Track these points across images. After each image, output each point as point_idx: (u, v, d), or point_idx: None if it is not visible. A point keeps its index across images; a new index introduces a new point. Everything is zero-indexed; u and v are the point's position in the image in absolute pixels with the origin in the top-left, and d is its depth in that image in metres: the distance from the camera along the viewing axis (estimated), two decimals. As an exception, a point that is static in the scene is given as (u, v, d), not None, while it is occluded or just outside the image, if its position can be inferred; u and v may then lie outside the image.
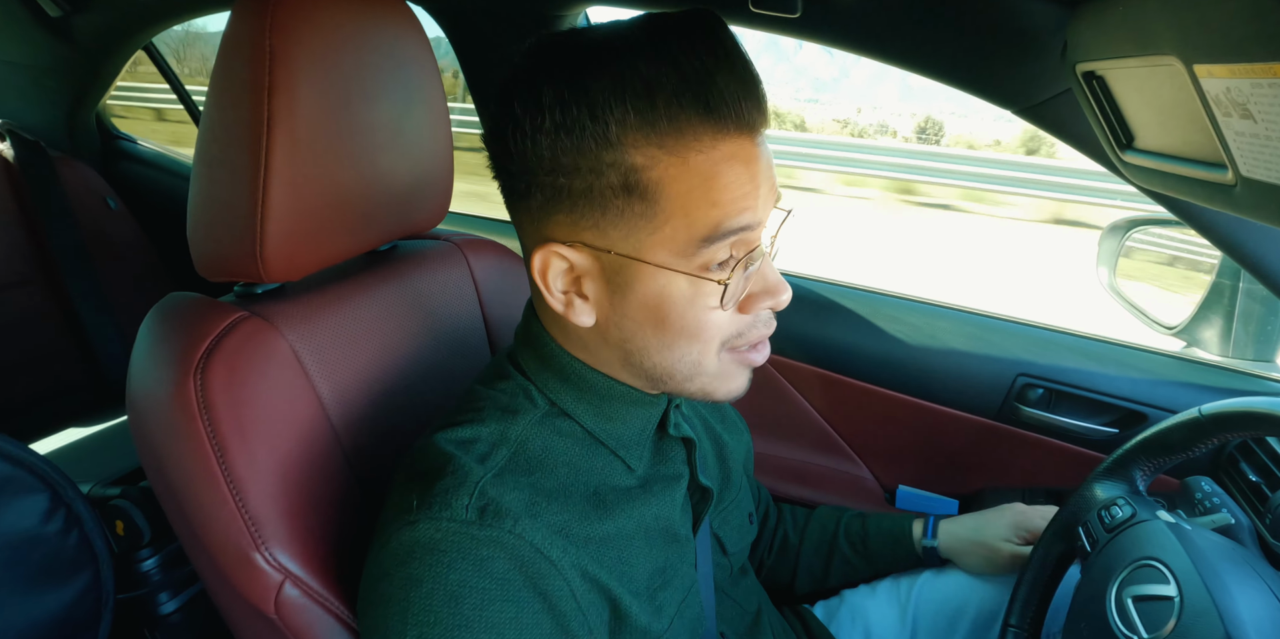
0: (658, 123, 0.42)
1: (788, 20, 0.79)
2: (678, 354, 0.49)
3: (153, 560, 0.97)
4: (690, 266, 0.46)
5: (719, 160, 0.43)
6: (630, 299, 0.47)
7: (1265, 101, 0.36)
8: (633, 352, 0.50)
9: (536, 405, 0.53)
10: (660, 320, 0.48)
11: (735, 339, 0.50)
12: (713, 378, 0.51)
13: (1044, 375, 1.02)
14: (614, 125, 0.42)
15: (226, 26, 0.54)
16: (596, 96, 0.42)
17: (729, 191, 0.44)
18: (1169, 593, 0.57)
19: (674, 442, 0.59)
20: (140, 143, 1.75)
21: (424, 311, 0.71)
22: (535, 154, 0.44)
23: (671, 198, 0.44)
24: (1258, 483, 0.80)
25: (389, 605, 0.43)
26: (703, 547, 0.61)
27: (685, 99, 0.42)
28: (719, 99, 0.42)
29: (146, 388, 0.56)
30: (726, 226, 0.44)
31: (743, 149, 0.44)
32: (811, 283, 1.18)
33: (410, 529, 0.44)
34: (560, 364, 0.53)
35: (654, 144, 0.43)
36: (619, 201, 0.44)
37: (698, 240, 0.44)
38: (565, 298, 0.49)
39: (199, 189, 0.58)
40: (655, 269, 0.46)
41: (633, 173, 0.43)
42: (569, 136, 0.43)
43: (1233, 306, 1.03)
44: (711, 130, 0.43)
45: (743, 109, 0.43)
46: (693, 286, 0.46)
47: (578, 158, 0.43)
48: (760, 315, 0.50)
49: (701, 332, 0.48)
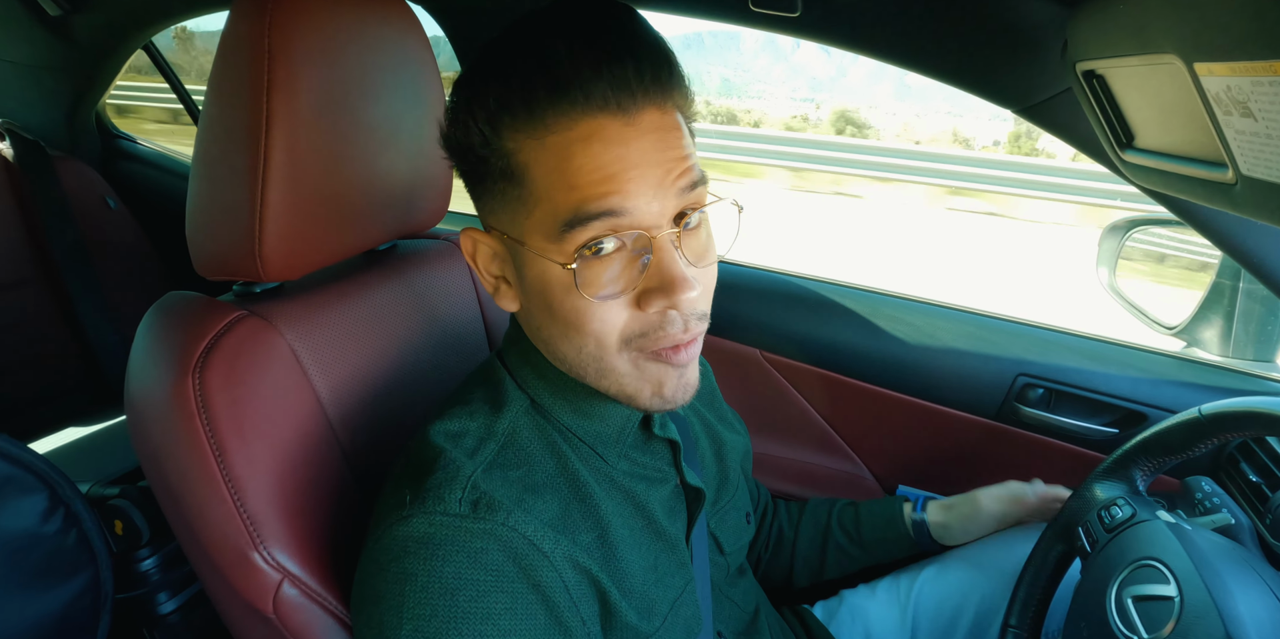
0: (516, 108, 0.43)
1: (788, 19, 0.79)
2: (574, 346, 0.48)
3: (151, 560, 0.97)
4: (561, 253, 0.45)
5: (574, 141, 0.43)
6: (526, 284, 0.49)
7: (1266, 100, 0.36)
8: (544, 341, 0.51)
9: (522, 399, 0.53)
10: (548, 307, 0.47)
11: (640, 340, 0.47)
12: (630, 379, 0.48)
13: (1044, 375, 1.01)
14: (483, 115, 0.45)
15: (226, 26, 0.54)
16: (476, 86, 0.45)
17: (585, 174, 0.43)
18: (1169, 593, 0.57)
19: (660, 442, 0.59)
20: (140, 142, 1.75)
21: (423, 311, 0.71)
22: (456, 142, 0.48)
23: (536, 180, 0.45)
24: (1258, 483, 0.79)
25: (383, 601, 0.43)
26: (699, 546, 0.61)
27: (537, 80, 0.43)
28: (566, 81, 0.42)
29: (145, 387, 0.56)
30: (586, 210, 0.43)
31: (604, 129, 0.43)
32: (811, 283, 1.18)
33: (403, 524, 0.45)
34: (534, 360, 0.54)
35: (516, 128, 0.44)
36: (500, 186, 0.47)
37: (560, 224, 0.44)
38: (494, 282, 0.52)
39: (198, 188, 0.58)
40: (534, 254, 0.46)
41: (504, 157, 0.45)
42: (460, 127, 0.46)
43: (1233, 306, 1.03)
44: (564, 111, 0.43)
45: (595, 88, 0.42)
46: (564, 272, 0.45)
47: (473, 144, 0.46)
48: (667, 315, 0.46)
49: (583, 323, 0.46)
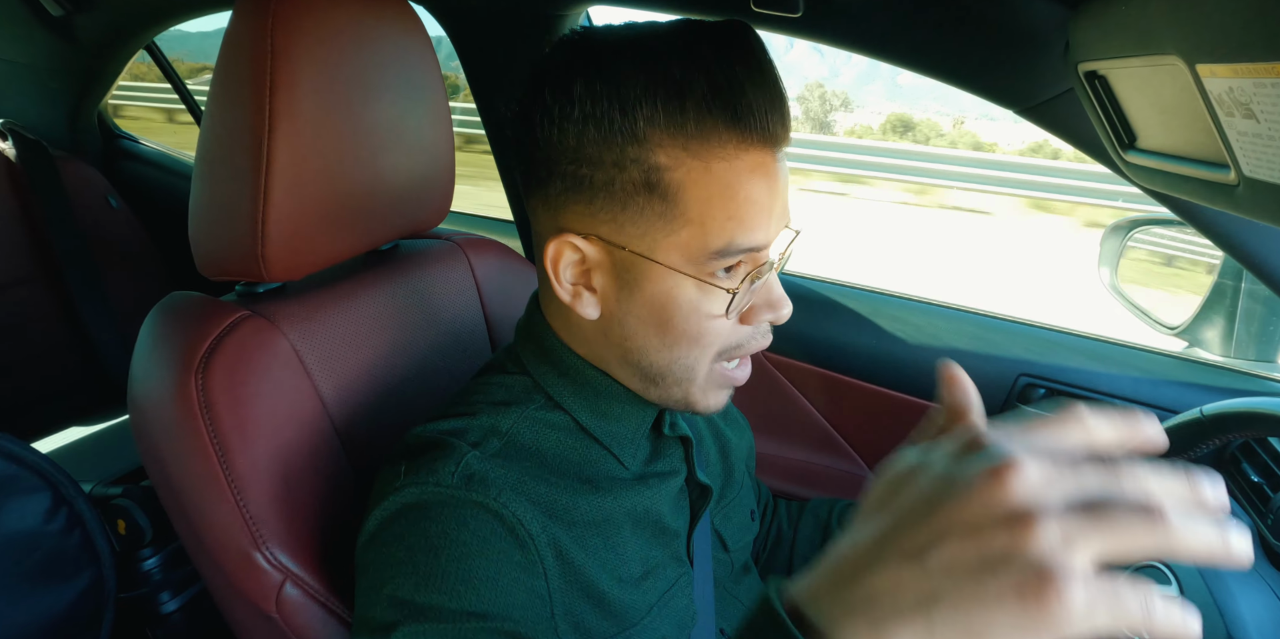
0: (685, 125, 0.43)
1: (790, 20, 0.79)
2: (676, 355, 0.50)
3: (154, 560, 0.97)
4: (701, 272, 0.46)
5: (741, 171, 0.44)
6: (637, 297, 0.48)
7: (1268, 101, 0.36)
8: (632, 350, 0.50)
9: (532, 399, 0.53)
10: (664, 322, 0.48)
11: (734, 350, 0.50)
12: (700, 387, 0.51)
13: (1046, 375, 1.01)
14: (642, 122, 0.43)
15: (228, 26, 0.54)
16: (628, 92, 0.43)
17: (748, 206, 0.44)
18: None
19: (671, 440, 0.60)
20: (142, 142, 1.75)
21: (425, 311, 0.71)
22: (561, 142, 0.45)
23: (690, 202, 0.44)
24: (1259, 483, 0.79)
25: (371, 567, 0.44)
26: (703, 543, 0.61)
27: (714, 105, 0.42)
28: (747, 109, 0.42)
29: (148, 387, 0.56)
30: (740, 243, 0.45)
31: (765, 163, 0.44)
32: (813, 283, 1.18)
33: (396, 494, 0.46)
34: (559, 358, 0.54)
35: (679, 146, 0.43)
36: (639, 199, 0.45)
37: (711, 251, 0.45)
38: (573, 289, 0.50)
39: (201, 188, 0.58)
40: (666, 270, 0.46)
41: (655, 172, 0.44)
42: (597, 128, 0.43)
43: (1234, 307, 1.03)
44: (736, 139, 0.43)
45: (769, 122, 0.43)
46: (700, 292, 0.47)
47: (603, 150, 0.44)
48: (759, 328, 0.51)
49: (702, 337, 0.48)
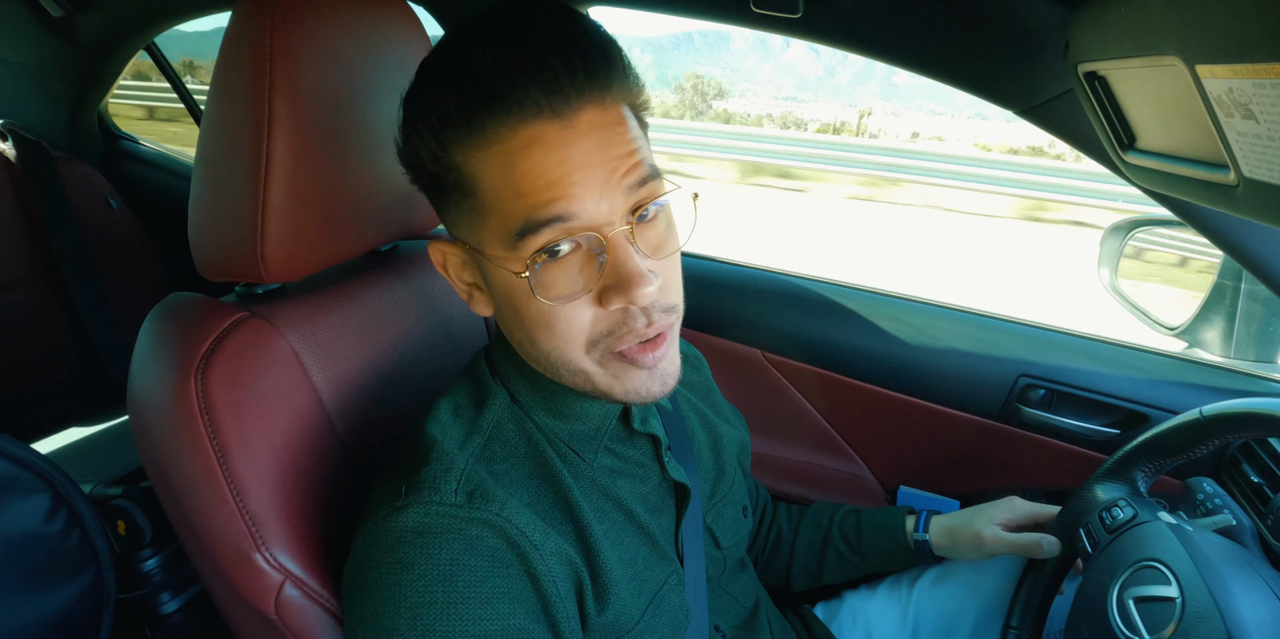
0: (456, 120, 0.43)
1: (790, 21, 0.79)
2: (544, 349, 0.48)
3: (154, 560, 0.97)
4: (518, 260, 0.45)
5: (515, 149, 0.43)
6: (493, 291, 0.49)
7: (1267, 102, 0.36)
8: (517, 343, 0.52)
9: (500, 396, 0.54)
10: (514, 312, 0.48)
11: (606, 338, 0.47)
12: (599, 377, 0.48)
13: (1045, 376, 1.01)
14: (428, 131, 0.44)
15: (228, 26, 0.54)
16: (419, 102, 0.45)
17: (530, 181, 0.43)
18: (1171, 594, 0.57)
19: (641, 437, 0.59)
20: (142, 143, 1.75)
21: (424, 312, 0.71)
22: (404, 161, 0.48)
23: (485, 191, 0.45)
24: (1259, 484, 0.79)
25: (379, 591, 0.43)
26: (693, 541, 0.61)
27: (470, 91, 0.42)
28: (497, 90, 0.41)
29: (148, 388, 0.56)
30: (535, 217, 0.43)
31: (543, 135, 0.42)
32: (812, 283, 1.18)
33: (398, 515, 0.45)
34: (516, 359, 0.54)
35: (460, 141, 0.44)
36: (454, 198, 0.47)
37: (513, 232, 0.44)
38: (467, 290, 0.52)
39: (200, 189, 0.58)
40: (493, 262, 0.46)
41: (453, 170, 0.45)
42: (413, 147, 0.46)
43: (1234, 307, 1.03)
44: (500, 119, 0.42)
45: (526, 93, 0.41)
46: (523, 279, 0.45)
47: (424, 159, 0.46)
48: (630, 311, 0.46)
49: (551, 325, 0.46)
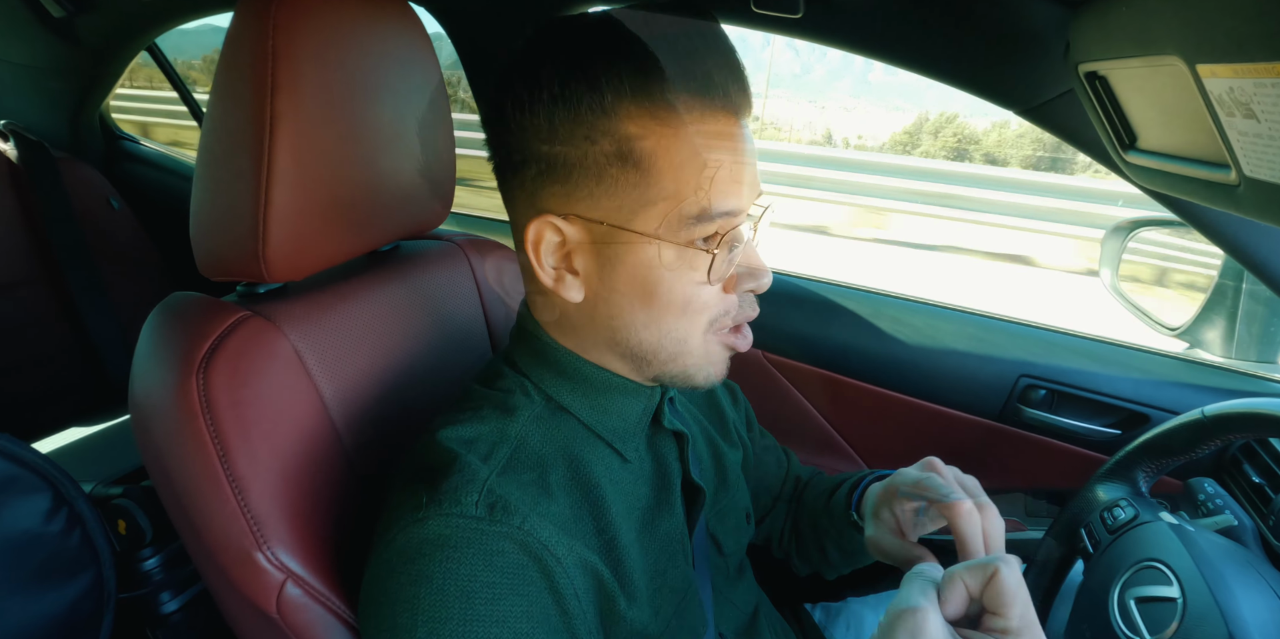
0: (651, 94, 0.44)
1: (790, 21, 0.79)
2: (664, 329, 0.50)
3: (155, 560, 0.97)
4: (680, 239, 0.47)
5: (709, 137, 0.45)
6: (620, 272, 0.48)
7: (1269, 101, 0.36)
8: (619, 328, 0.51)
9: (533, 401, 0.53)
10: (648, 293, 0.48)
11: (722, 318, 0.51)
12: (696, 359, 0.52)
13: (1046, 376, 1.01)
14: (609, 94, 0.44)
15: (229, 27, 0.54)
16: (592, 68, 0.44)
17: (719, 171, 0.46)
18: (1172, 594, 0.57)
19: (666, 437, 0.60)
20: (143, 143, 1.75)
21: (426, 312, 0.71)
22: (533, 125, 0.46)
23: (663, 169, 0.45)
24: (1261, 484, 0.79)
25: (397, 603, 0.43)
26: (699, 547, 0.61)
27: (678, 75, 0.44)
28: (707, 77, 0.45)
29: (149, 387, 0.56)
30: (715, 208, 0.46)
31: (731, 130, 0.46)
32: (813, 283, 1.18)
33: (419, 526, 0.44)
34: (554, 357, 0.54)
35: (647, 114, 0.44)
36: (613, 170, 0.46)
37: (688, 217, 0.46)
38: (555, 273, 0.50)
39: (202, 189, 0.58)
40: (645, 240, 0.47)
41: (626, 141, 0.45)
42: (566, 106, 0.45)
43: (1235, 308, 1.03)
44: (700, 106, 0.45)
45: (730, 89, 0.46)
46: (681, 258, 0.47)
47: (574, 126, 0.45)
48: (744, 297, 0.52)
49: (688, 305, 0.49)
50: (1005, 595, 0.39)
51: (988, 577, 0.40)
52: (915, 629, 0.37)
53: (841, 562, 0.73)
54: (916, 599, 0.39)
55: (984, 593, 0.40)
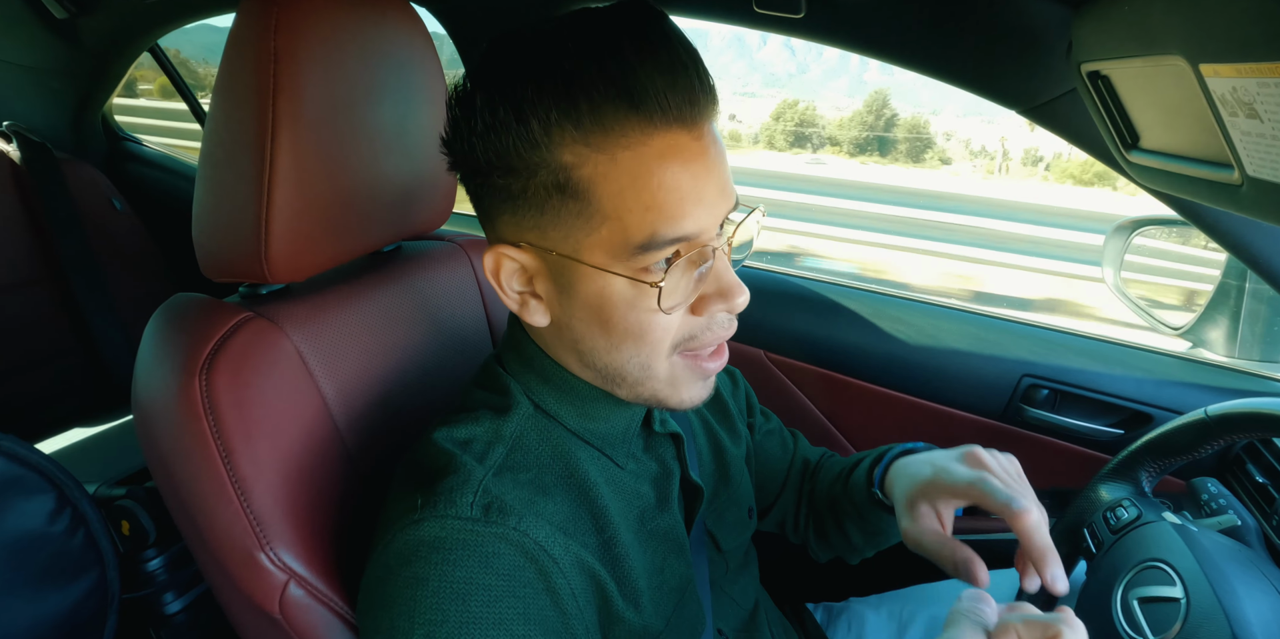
0: (581, 119, 0.41)
1: (792, 21, 0.79)
2: (625, 355, 0.48)
3: (158, 560, 0.98)
4: (629, 268, 0.44)
5: (650, 158, 0.42)
6: (576, 300, 0.47)
7: (1272, 101, 0.36)
8: (584, 352, 0.50)
9: (523, 406, 0.53)
10: (604, 321, 0.47)
11: (688, 342, 0.48)
12: (664, 383, 0.50)
13: (1049, 376, 1.01)
14: (537, 123, 0.41)
15: (231, 28, 0.54)
16: (520, 95, 0.41)
17: (665, 194, 0.42)
18: (1175, 594, 0.57)
19: (662, 438, 0.59)
20: (145, 144, 1.75)
21: (428, 312, 0.71)
22: (473, 157, 0.45)
23: (603, 198, 0.43)
24: (1265, 484, 0.79)
25: (394, 606, 0.43)
26: (697, 543, 0.61)
27: (607, 93, 0.40)
28: (642, 91, 0.40)
29: (152, 388, 0.56)
30: (664, 235, 0.43)
31: (677, 144, 0.42)
32: (815, 283, 1.18)
33: (415, 528, 0.44)
34: (539, 366, 0.53)
35: (580, 141, 0.42)
36: (554, 201, 0.44)
37: (634, 246, 0.43)
38: (520, 297, 0.49)
39: (204, 190, 0.58)
40: (594, 270, 0.45)
41: (563, 171, 0.42)
42: (499, 137, 0.43)
43: (1239, 307, 1.03)
44: (638, 124, 0.41)
45: (669, 102, 0.41)
46: (633, 288, 0.45)
47: (510, 158, 0.43)
48: (716, 318, 0.48)
49: (646, 333, 0.47)
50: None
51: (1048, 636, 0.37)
52: None
53: (865, 543, 0.70)
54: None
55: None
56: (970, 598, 0.41)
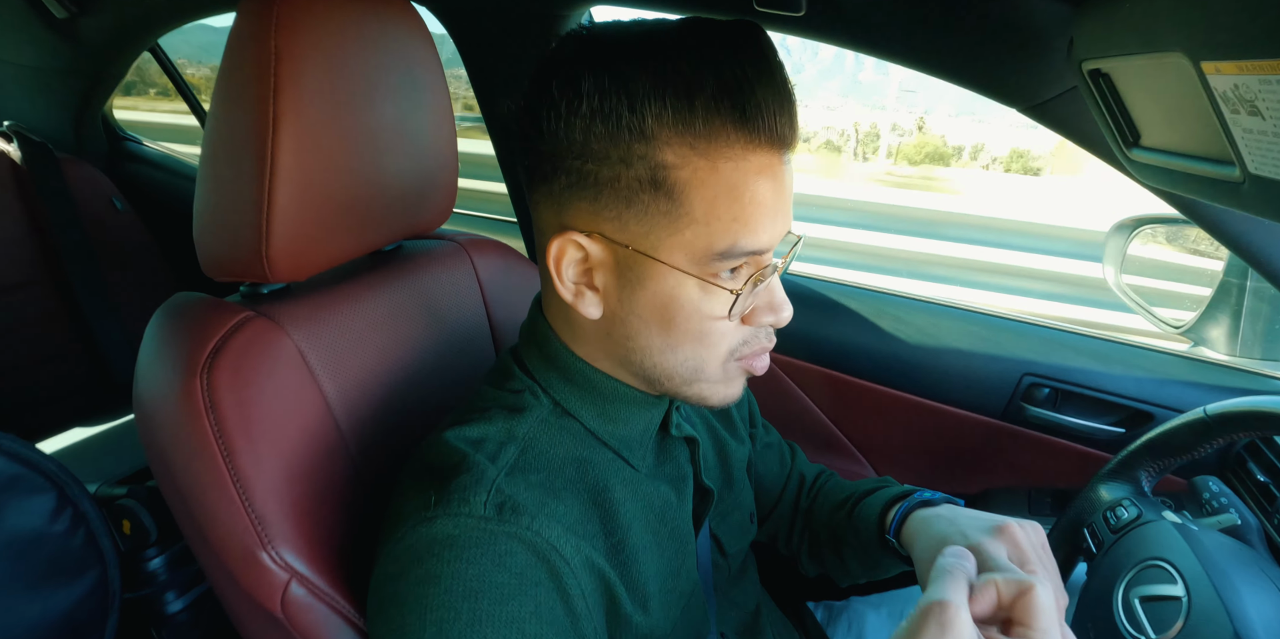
0: (694, 123, 0.42)
1: (793, 19, 0.79)
2: (681, 357, 0.49)
3: (159, 560, 0.98)
4: (704, 272, 0.46)
5: (749, 172, 0.44)
6: (640, 296, 0.47)
7: (1274, 98, 0.36)
8: (634, 350, 0.50)
9: (541, 404, 0.53)
10: (667, 321, 0.48)
11: (740, 348, 0.50)
12: (713, 384, 0.51)
13: (1050, 375, 1.01)
14: (650, 119, 0.42)
15: (232, 27, 0.54)
16: (636, 88, 0.42)
17: (753, 208, 0.44)
18: (1176, 593, 0.57)
19: (677, 441, 0.59)
20: (146, 144, 1.75)
21: (429, 311, 0.71)
22: (567, 136, 0.44)
23: (696, 202, 0.44)
24: (1266, 483, 0.79)
25: (405, 603, 0.43)
26: (703, 549, 0.61)
27: (723, 104, 0.42)
28: (756, 110, 0.42)
29: (153, 387, 0.56)
30: (744, 245, 0.45)
31: (772, 165, 0.44)
32: (817, 283, 1.18)
33: (427, 526, 0.44)
34: (564, 363, 0.53)
35: (686, 144, 0.43)
36: (644, 196, 0.44)
37: (715, 252, 0.45)
38: (575, 288, 0.49)
39: (205, 189, 0.58)
40: (669, 270, 0.46)
41: (661, 169, 0.43)
42: (604, 123, 0.43)
43: (1240, 305, 1.03)
44: (744, 140, 0.43)
45: (778, 123, 0.43)
46: (703, 292, 0.46)
47: (609, 146, 0.43)
48: (761, 329, 0.51)
49: (706, 338, 0.48)
50: (1037, 609, 0.39)
51: (1022, 591, 0.39)
52: (946, 623, 0.37)
53: (862, 574, 0.70)
54: (950, 593, 0.39)
55: (1014, 604, 0.39)
56: (954, 554, 0.43)
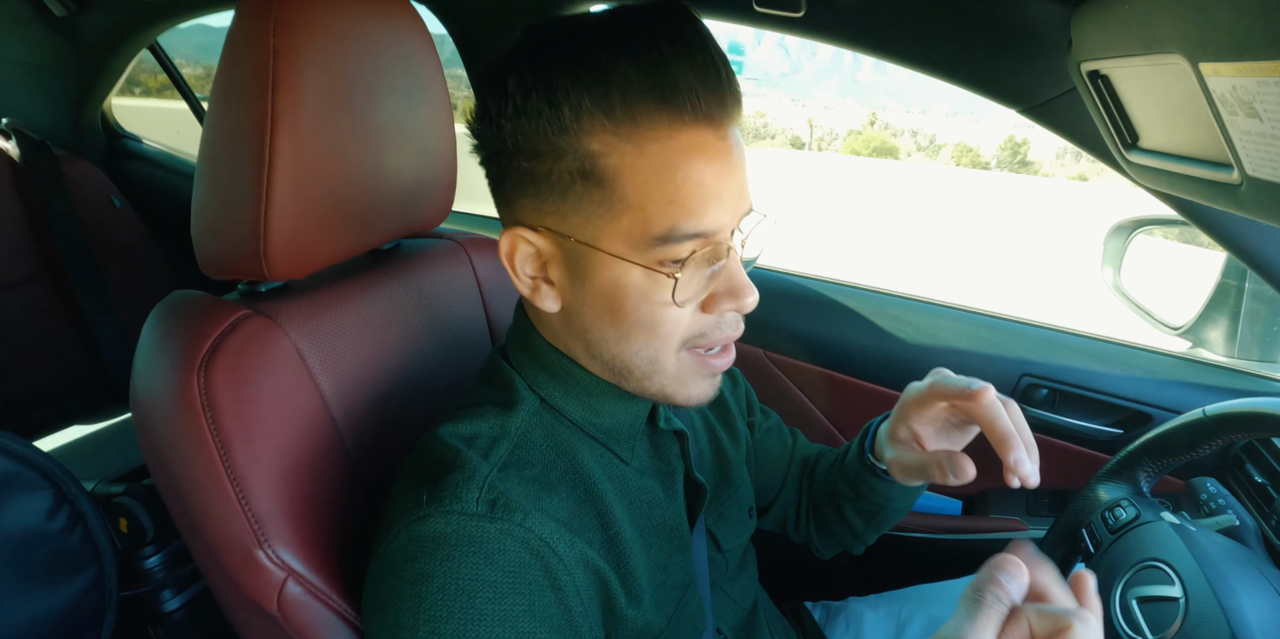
0: (613, 109, 0.42)
1: (792, 19, 0.79)
2: (634, 348, 0.49)
3: (156, 558, 0.98)
4: (647, 259, 0.45)
5: (677, 151, 0.43)
6: (589, 287, 0.47)
7: (1271, 100, 0.36)
8: (593, 342, 0.50)
9: (530, 399, 0.53)
10: (616, 310, 0.47)
11: (697, 339, 0.49)
12: (671, 379, 0.50)
13: (1048, 376, 1.01)
14: (568, 110, 0.42)
15: (231, 25, 0.54)
16: (553, 81, 0.43)
17: (688, 188, 0.43)
18: (1174, 594, 0.57)
19: (667, 435, 0.59)
20: (145, 142, 1.75)
21: (427, 310, 0.71)
22: (500, 139, 0.45)
23: (628, 187, 0.44)
24: (1263, 484, 0.79)
25: (399, 602, 0.43)
26: (699, 544, 0.61)
27: (639, 86, 0.42)
28: (674, 88, 0.42)
29: (150, 385, 0.56)
30: (684, 228, 0.44)
31: (703, 142, 0.44)
32: (815, 282, 1.18)
33: (420, 524, 0.44)
34: (546, 359, 0.53)
35: (609, 130, 0.43)
36: (577, 187, 0.45)
37: (653, 237, 0.44)
38: (532, 283, 0.50)
39: (203, 188, 0.58)
40: (611, 258, 0.45)
41: (589, 158, 0.43)
42: (529, 121, 0.44)
43: (1238, 307, 1.03)
44: (668, 119, 0.43)
45: (700, 99, 0.42)
46: (648, 279, 0.46)
47: (537, 142, 0.44)
48: (724, 317, 0.49)
49: (657, 326, 0.47)
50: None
51: (1059, 629, 0.35)
52: None
53: (865, 526, 0.70)
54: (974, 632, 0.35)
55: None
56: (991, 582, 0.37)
